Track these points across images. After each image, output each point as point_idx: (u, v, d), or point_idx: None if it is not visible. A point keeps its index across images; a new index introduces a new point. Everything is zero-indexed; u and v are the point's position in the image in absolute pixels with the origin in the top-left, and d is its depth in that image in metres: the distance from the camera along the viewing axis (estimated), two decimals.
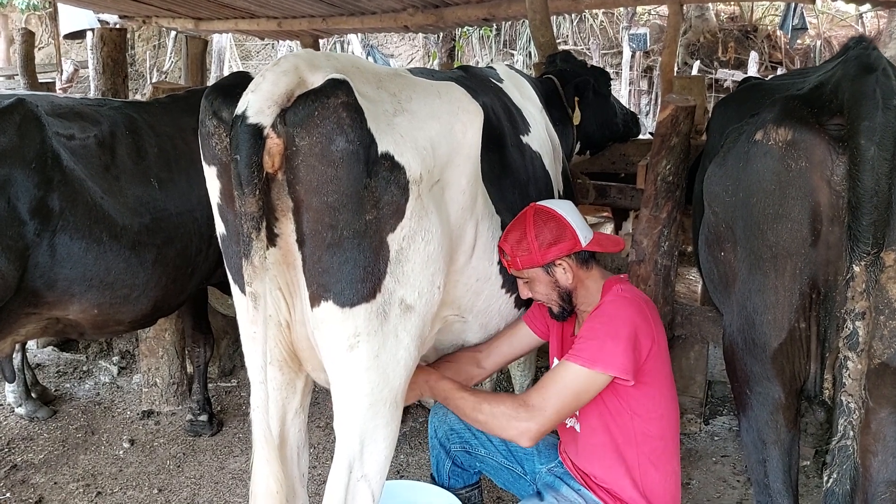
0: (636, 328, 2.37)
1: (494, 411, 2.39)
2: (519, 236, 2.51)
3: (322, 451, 4.12)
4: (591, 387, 2.36)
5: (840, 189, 2.05)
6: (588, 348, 2.35)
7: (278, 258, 2.00)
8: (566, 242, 2.49)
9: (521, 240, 2.50)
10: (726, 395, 4.79)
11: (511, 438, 2.39)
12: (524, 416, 2.34)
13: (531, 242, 2.48)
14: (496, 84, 3.15)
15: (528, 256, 2.49)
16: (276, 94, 1.85)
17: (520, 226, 2.52)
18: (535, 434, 2.34)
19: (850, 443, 2.02)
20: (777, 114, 2.17)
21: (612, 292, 2.49)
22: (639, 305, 2.45)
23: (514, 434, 2.36)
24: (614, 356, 2.33)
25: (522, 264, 2.51)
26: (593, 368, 2.33)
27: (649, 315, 2.46)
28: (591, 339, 2.37)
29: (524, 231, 2.50)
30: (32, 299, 3.01)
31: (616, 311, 2.41)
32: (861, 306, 2.00)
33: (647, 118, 13.28)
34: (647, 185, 3.86)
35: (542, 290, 2.57)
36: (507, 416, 2.36)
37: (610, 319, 2.39)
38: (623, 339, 2.34)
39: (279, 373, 2.23)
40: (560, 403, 2.35)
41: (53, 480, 3.84)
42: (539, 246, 2.48)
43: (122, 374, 5.10)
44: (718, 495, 3.76)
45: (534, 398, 2.37)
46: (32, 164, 2.89)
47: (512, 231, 2.53)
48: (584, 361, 2.34)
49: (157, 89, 4.52)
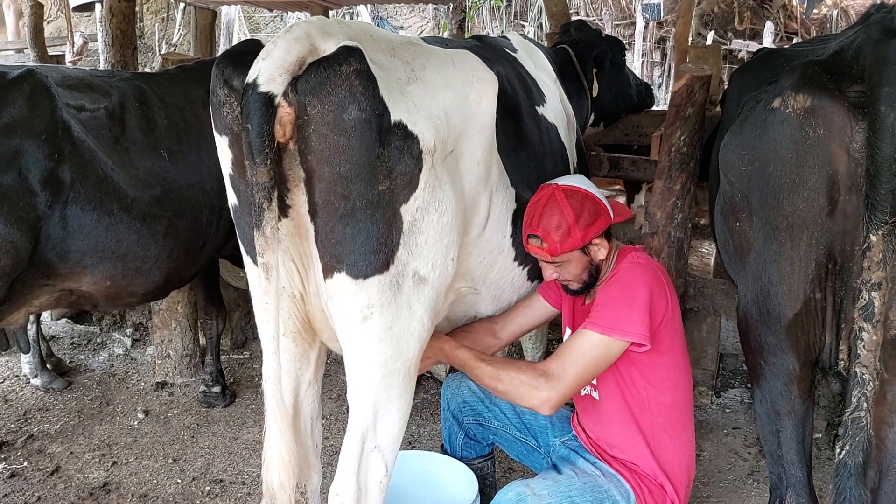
0: (652, 293, 2.37)
1: (514, 381, 2.39)
2: (557, 222, 2.41)
3: (334, 422, 4.14)
4: (609, 353, 2.36)
5: (859, 157, 2.01)
6: (606, 315, 2.34)
7: (291, 229, 1.99)
8: (602, 219, 2.46)
9: (561, 224, 2.41)
10: (738, 367, 4.78)
11: (532, 407, 2.40)
12: (544, 385, 2.34)
13: (572, 225, 2.41)
14: (510, 54, 3.11)
15: (569, 241, 2.42)
16: (287, 62, 1.82)
17: (554, 210, 2.42)
18: (555, 403, 2.35)
19: (863, 414, 2.01)
20: (796, 80, 2.13)
21: (627, 259, 2.49)
22: (654, 271, 2.46)
23: (534, 403, 2.37)
24: (631, 322, 2.32)
25: (563, 249, 2.43)
26: (612, 335, 2.33)
27: (664, 282, 2.46)
28: (609, 306, 2.36)
29: (562, 214, 2.41)
30: (45, 271, 3.02)
31: (632, 277, 2.40)
32: (877, 276, 1.97)
33: (659, 90, 13.13)
34: (660, 156, 3.82)
35: (574, 270, 2.52)
36: (527, 385, 2.36)
37: (626, 286, 2.38)
38: (640, 305, 2.34)
39: (293, 344, 2.23)
40: (579, 371, 2.35)
41: (70, 450, 3.89)
42: (580, 228, 2.41)
43: (135, 346, 5.13)
44: (729, 467, 3.76)
45: (553, 367, 2.36)
46: (43, 135, 2.88)
47: (545, 216, 2.43)
48: (602, 329, 2.33)
49: (166, 60, 4.50)
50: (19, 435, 4.01)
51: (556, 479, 2.50)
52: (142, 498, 3.50)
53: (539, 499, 2.33)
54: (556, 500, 2.35)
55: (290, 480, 2.06)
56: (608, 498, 2.43)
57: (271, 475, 2.06)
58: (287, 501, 2.08)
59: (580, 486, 2.44)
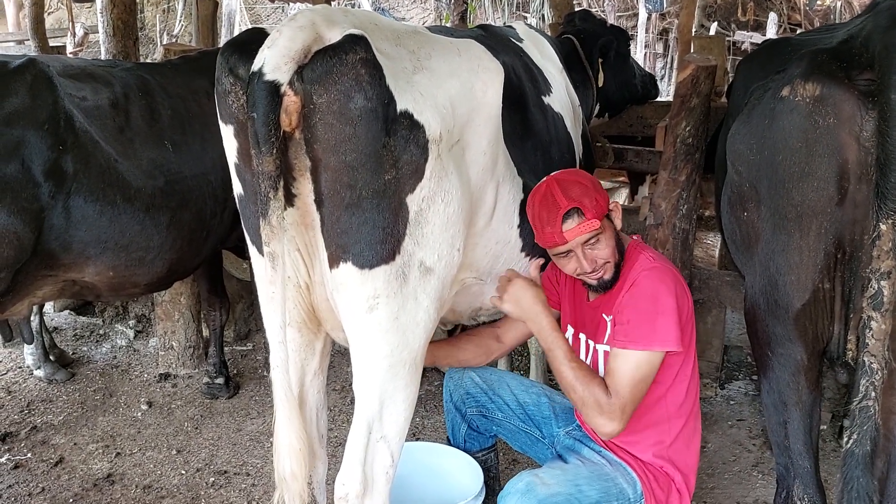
0: (676, 298, 2.36)
1: (586, 399, 2.37)
2: (580, 189, 2.35)
3: (338, 413, 4.14)
4: (652, 366, 2.36)
5: (869, 146, 1.99)
6: (643, 332, 2.33)
7: (296, 219, 1.98)
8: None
9: (585, 189, 2.35)
10: (742, 359, 4.78)
11: (593, 427, 2.42)
12: (608, 413, 2.33)
13: (590, 187, 2.37)
14: (516, 43, 3.09)
15: (600, 200, 2.38)
16: (293, 51, 1.81)
17: (570, 184, 2.37)
18: (618, 432, 2.37)
19: (871, 403, 1.99)
20: (805, 69, 2.10)
21: (640, 262, 2.44)
22: (672, 273, 2.44)
23: (597, 427, 2.38)
24: (668, 332, 2.32)
25: (599, 210, 2.36)
26: (653, 348, 2.33)
27: (683, 283, 2.47)
28: (643, 322, 2.33)
29: (577, 181, 2.38)
30: (48, 261, 3.01)
31: (655, 284, 2.37)
32: (887, 266, 1.96)
33: (662, 82, 13.09)
34: (665, 147, 3.80)
35: (608, 245, 2.42)
36: (597, 407, 2.35)
37: (655, 297, 2.35)
38: (669, 313, 2.33)
39: (298, 334, 2.23)
40: (636, 395, 2.36)
41: (73, 441, 3.89)
42: (596, 190, 2.39)
43: (138, 338, 5.13)
44: (734, 458, 3.76)
45: (618, 399, 2.34)
46: (45, 126, 2.87)
47: (568, 189, 2.35)
48: (642, 346, 2.33)
49: (168, 51, 4.47)
50: (23, 426, 4.02)
51: (564, 469, 2.50)
52: (146, 489, 3.50)
53: (548, 487, 2.33)
54: (563, 489, 2.35)
55: (303, 469, 2.07)
56: (615, 486, 2.43)
57: (283, 464, 2.07)
58: (300, 490, 2.09)
59: (587, 475, 2.44)
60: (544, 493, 2.31)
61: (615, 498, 2.42)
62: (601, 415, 2.35)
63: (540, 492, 2.31)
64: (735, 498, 3.44)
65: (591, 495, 2.38)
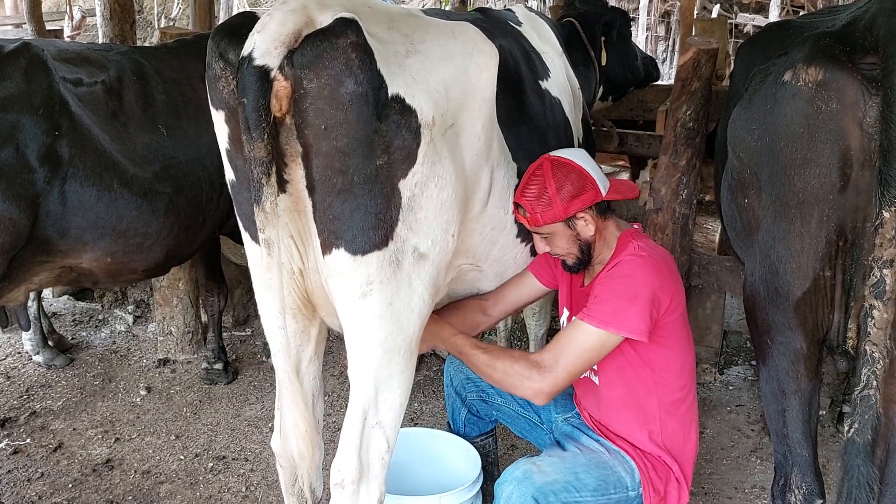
0: (653, 290, 2.33)
1: (508, 370, 2.38)
2: (538, 191, 2.40)
3: (336, 398, 4.15)
4: (604, 347, 2.34)
5: (872, 132, 1.96)
6: (603, 310, 2.32)
7: (289, 205, 1.96)
8: (588, 194, 2.41)
9: (542, 194, 2.40)
10: (741, 345, 4.77)
11: (525, 397, 2.42)
12: (536, 376, 2.33)
13: (553, 196, 2.39)
14: (514, 27, 3.05)
15: (550, 212, 2.40)
16: (283, 35, 1.78)
17: (538, 179, 2.42)
18: (547, 394, 2.35)
19: (872, 392, 1.97)
20: (807, 53, 2.07)
21: (628, 249, 2.43)
22: (656, 264, 2.40)
23: (527, 394, 2.38)
24: (628, 318, 2.30)
25: (544, 220, 2.42)
26: (607, 329, 2.31)
27: (667, 272, 2.42)
28: (608, 300, 2.33)
29: (543, 185, 2.40)
30: (45, 247, 3.00)
31: (633, 271, 2.36)
32: (889, 254, 1.93)
33: (664, 65, 13.01)
34: (666, 131, 3.78)
35: (562, 244, 2.50)
36: (520, 375, 2.35)
37: (627, 281, 2.34)
38: (639, 302, 2.31)
39: (293, 321, 2.22)
40: (572, 363, 2.34)
41: (72, 426, 3.90)
42: (561, 200, 2.39)
43: (137, 323, 5.13)
44: (732, 444, 3.76)
45: (546, 358, 2.35)
46: (40, 110, 2.85)
47: (529, 185, 2.43)
48: (598, 322, 2.31)
49: (164, 34, 4.44)
50: (22, 411, 4.03)
51: (562, 457, 2.49)
52: (145, 474, 3.51)
53: (545, 475, 2.33)
54: (561, 477, 2.35)
55: (310, 449, 2.09)
56: (613, 474, 2.43)
57: (290, 446, 2.09)
58: (309, 470, 2.11)
59: (585, 463, 2.44)
60: (541, 481, 2.31)
61: (613, 486, 2.41)
62: (528, 379, 2.33)
63: (537, 479, 2.30)
64: (733, 483, 3.44)
65: (589, 483, 2.38)
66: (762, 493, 3.34)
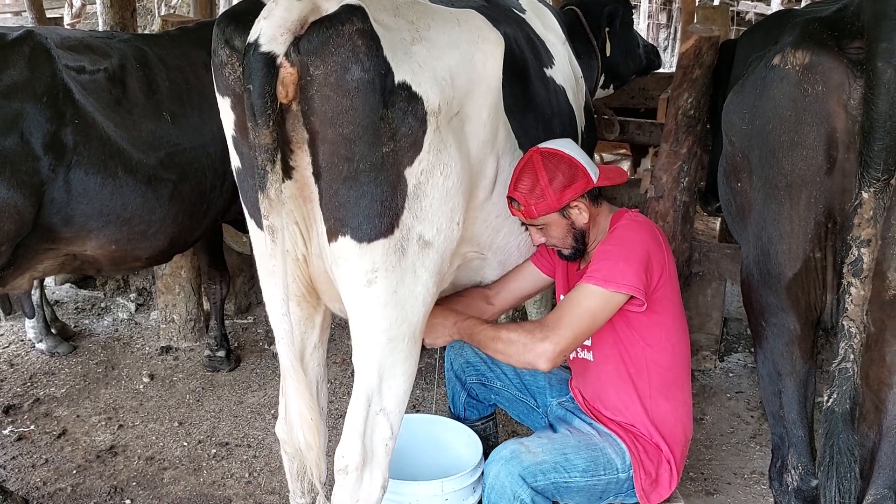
0: (649, 250, 2.37)
1: (512, 337, 2.39)
2: (531, 184, 2.41)
3: (339, 385, 4.17)
4: (606, 307, 2.35)
5: (856, 114, 1.99)
6: (602, 269, 2.34)
7: (294, 192, 1.97)
8: (580, 182, 2.44)
9: (534, 187, 2.41)
10: (742, 332, 4.79)
11: (530, 362, 2.37)
12: (540, 336, 2.33)
13: (545, 188, 2.40)
14: (518, 14, 3.05)
15: (543, 203, 2.42)
16: (289, 21, 1.78)
17: (529, 172, 2.43)
18: (552, 355, 2.33)
19: (850, 365, 2.03)
20: (795, 37, 2.10)
21: (623, 218, 2.48)
22: (651, 230, 2.46)
23: (532, 357, 2.35)
24: (627, 275, 2.32)
25: (538, 211, 2.43)
26: (608, 287, 2.32)
27: (661, 241, 2.46)
28: (605, 259, 2.36)
29: (535, 177, 2.41)
30: (49, 235, 3.01)
31: (628, 233, 2.40)
32: (867, 233, 1.97)
33: (665, 53, 12.97)
34: (667, 119, 3.78)
35: (557, 234, 2.52)
36: (524, 341, 2.36)
37: (623, 241, 2.38)
38: (636, 260, 2.34)
39: (297, 308, 2.23)
40: (576, 323, 2.34)
41: (76, 413, 3.92)
42: (554, 190, 2.41)
43: (139, 311, 5.15)
44: (732, 430, 3.79)
45: (549, 320, 2.37)
46: (44, 98, 2.85)
47: (521, 179, 2.43)
48: (597, 281, 2.33)
49: (166, 22, 4.43)
50: (26, 399, 4.05)
51: (551, 438, 2.52)
52: (148, 460, 3.54)
53: (533, 455, 2.35)
54: (550, 457, 2.38)
55: (317, 439, 2.09)
56: (603, 455, 2.46)
57: (297, 436, 2.09)
58: (315, 459, 2.11)
59: (575, 444, 2.47)
60: (529, 461, 2.34)
61: (603, 467, 2.44)
62: (532, 341, 2.33)
63: (525, 459, 2.33)
64: (732, 469, 3.47)
65: (578, 464, 2.41)
66: (761, 479, 3.37)
